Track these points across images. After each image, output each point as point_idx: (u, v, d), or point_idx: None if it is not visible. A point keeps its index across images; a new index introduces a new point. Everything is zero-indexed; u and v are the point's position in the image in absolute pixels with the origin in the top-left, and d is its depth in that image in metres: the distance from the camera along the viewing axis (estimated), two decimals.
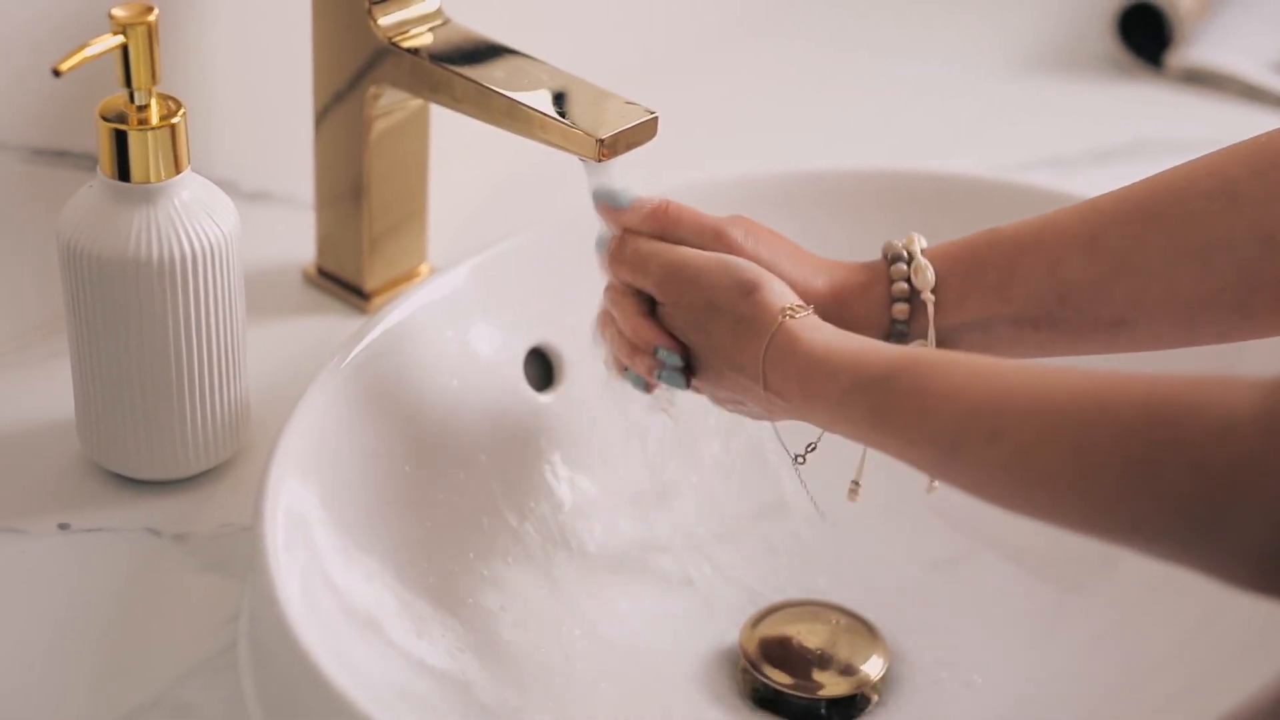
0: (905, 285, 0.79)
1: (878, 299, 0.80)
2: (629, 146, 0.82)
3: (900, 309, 0.79)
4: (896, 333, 0.79)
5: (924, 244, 0.80)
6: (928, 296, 0.79)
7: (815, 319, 0.76)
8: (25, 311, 0.93)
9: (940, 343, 0.79)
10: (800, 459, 0.81)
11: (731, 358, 0.77)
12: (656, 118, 0.83)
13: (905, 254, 0.80)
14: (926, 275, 0.79)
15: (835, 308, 0.80)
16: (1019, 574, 0.88)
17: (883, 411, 0.70)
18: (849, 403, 0.71)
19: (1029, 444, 0.64)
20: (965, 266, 0.79)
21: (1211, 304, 0.74)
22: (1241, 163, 0.74)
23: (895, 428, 0.69)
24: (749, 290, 0.77)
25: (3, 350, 0.92)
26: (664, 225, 0.81)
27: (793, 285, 0.79)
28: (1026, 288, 0.77)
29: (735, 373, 0.77)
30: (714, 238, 0.80)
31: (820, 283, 0.80)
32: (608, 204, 0.82)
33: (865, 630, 0.86)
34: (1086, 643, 0.85)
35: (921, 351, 0.72)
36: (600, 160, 0.81)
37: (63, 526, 0.82)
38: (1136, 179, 0.79)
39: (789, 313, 0.75)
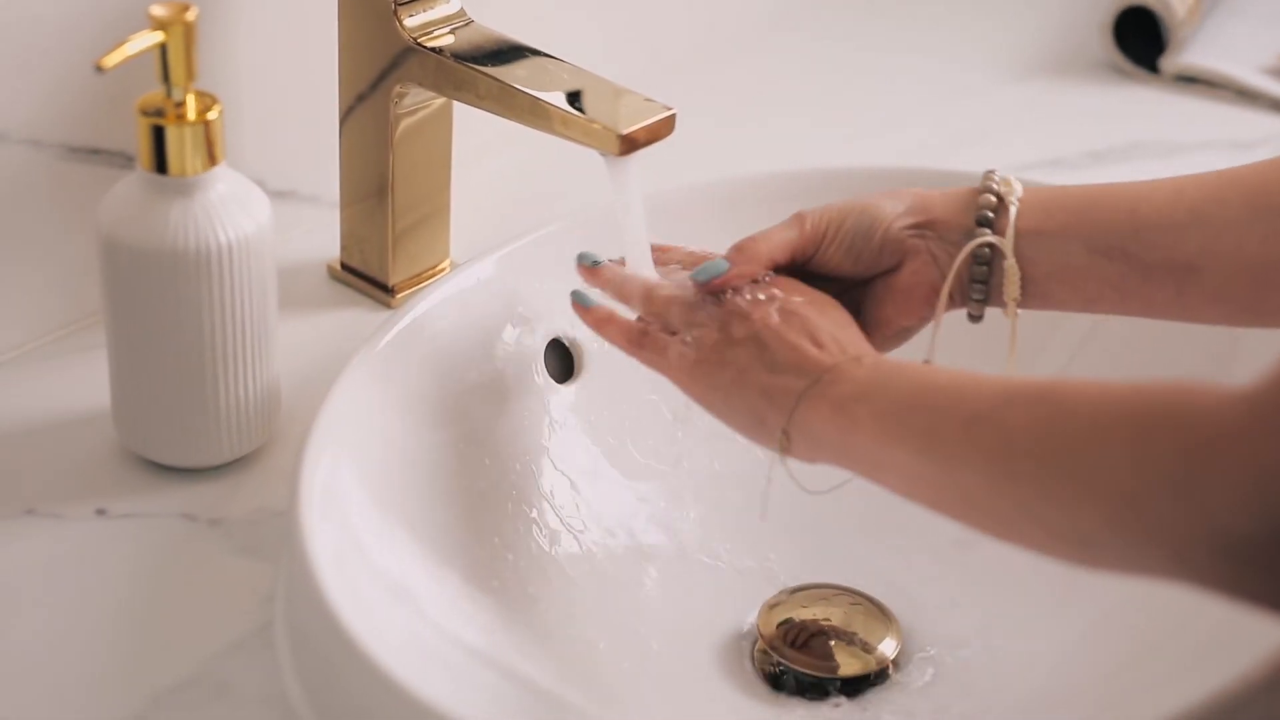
0: (994, 186, 0.83)
1: (967, 202, 0.83)
2: (648, 142, 0.85)
3: (986, 200, 0.82)
4: (981, 220, 0.82)
5: (1017, 180, 0.84)
6: (1012, 201, 0.82)
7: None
8: (60, 306, 0.95)
9: (1017, 255, 0.82)
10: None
11: (762, 378, 0.78)
12: (674, 114, 0.85)
13: (997, 174, 0.84)
14: (1014, 186, 0.83)
15: (920, 201, 0.83)
16: (1030, 555, 0.90)
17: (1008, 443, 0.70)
18: (948, 440, 0.71)
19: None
20: (1051, 191, 0.83)
21: (1277, 265, 0.78)
22: None
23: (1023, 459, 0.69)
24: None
25: (39, 343, 0.94)
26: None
27: (873, 198, 0.83)
28: (1105, 215, 0.81)
29: (762, 381, 0.79)
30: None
31: (906, 190, 0.84)
32: (712, 277, 0.83)
33: (879, 612, 0.88)
34: (1096, 621, 0.87)
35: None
36: (620, 155, 0.84)
37: (100, 512, 0.85)
38: (1132, 179, 0.83)
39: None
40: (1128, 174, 1.17)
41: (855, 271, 0.84)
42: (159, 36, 0.79)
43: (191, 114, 0.81)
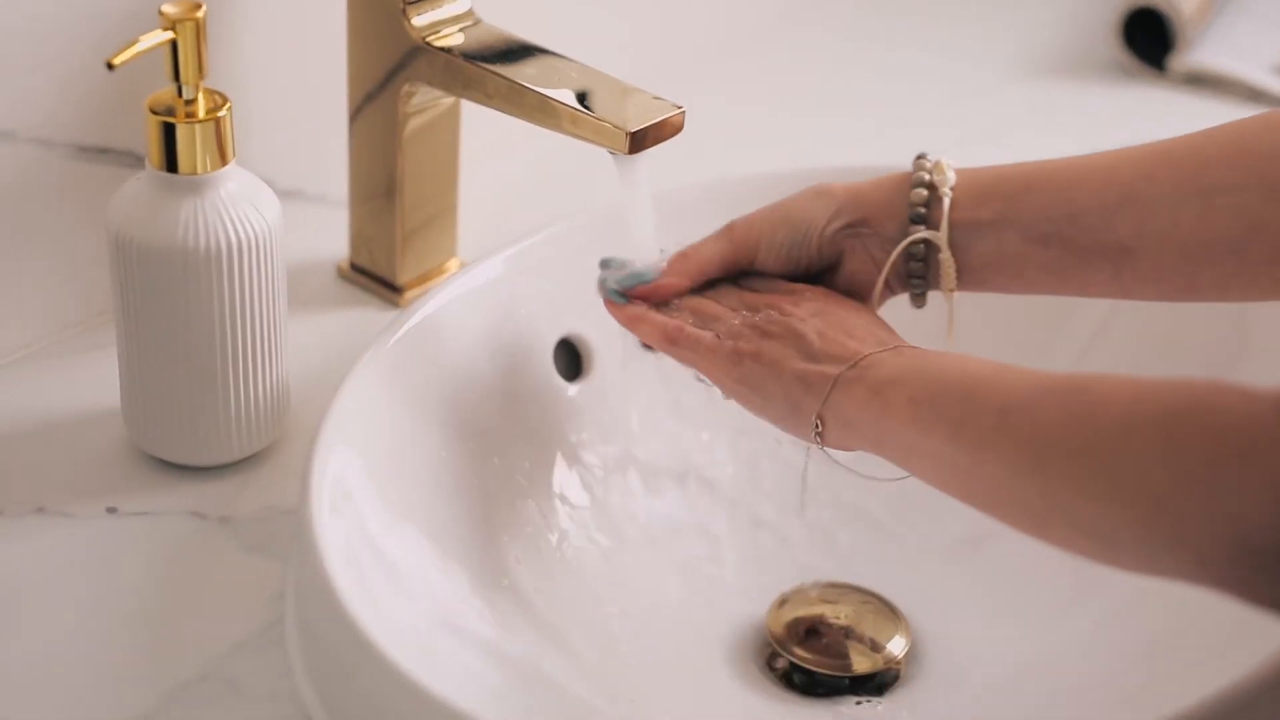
0: (925, 176, 0.83)
1: (899, 191, 0.83)
2: (657, 140, 0.85)
3: (918, 194, 0.82)
4: (915, 217, 0.82)
5: (951, 161, 0.84)
6: (945, 191, 0.82)
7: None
8: (70, 305, 0.95)
9: (953, 246, 0.82)
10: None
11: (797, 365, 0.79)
12: (683, 112, 0.85)
13: (929, 159, 0.83)
14: (947, 174, 0.83)
15: (856, 199, 0.83)
16: (1039, 553, 0.90)
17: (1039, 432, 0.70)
18: (982, 432, 0.71)
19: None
20: (986, 175, 0.83)
21: (1210, 245, 0.77)
22: (1259, 122, 0.78)
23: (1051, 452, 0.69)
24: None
25: (49, 342, 0.95)
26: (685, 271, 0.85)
27: (808, 194, 0.84)
28: (1040, 201, 0.80)
29: (796, 371, 0.79)
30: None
31: (841, 187, 0.84)
32: (637, 285, 0.84)
33: (888, 610, 0.88)
34: (1105, 620, 0.87)
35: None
36: (629, 153, 0.84)
37: (110, 510, 0.85)
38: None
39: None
40: None
41: (794, 274, 0.85)
42: (169, 34, 0.79)
43: (201, 112, 0.81)
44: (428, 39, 0.91)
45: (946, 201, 0.82)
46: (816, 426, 0.77)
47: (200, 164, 0.81)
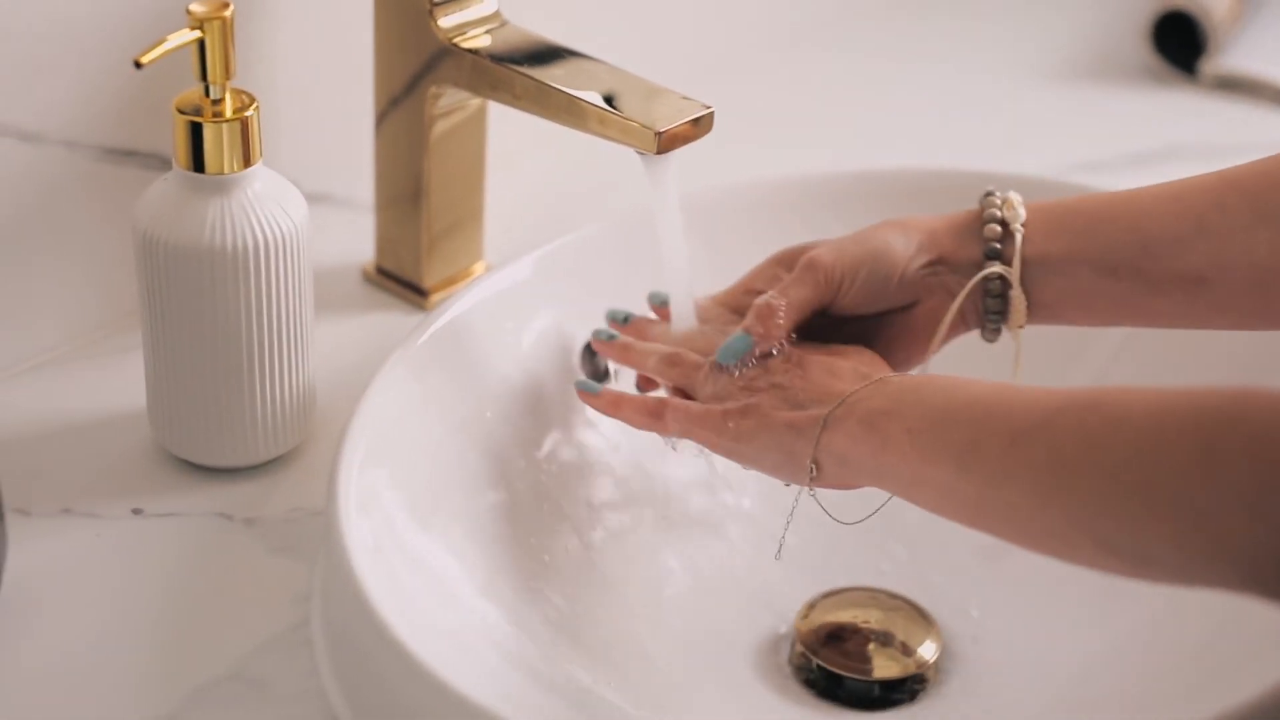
0: (997, 213, 0.82)
1: (972, 230, 0.83)
2: (686, 140, 0.84)
3: (991, 230, 0.82)
4: (989, 252, 0.82)
5: (1019, 197, 0.83)
6: (1017, 228, 0.82)
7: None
8: (98, 306, 0.95)
9: (1025, 282, 0.81)
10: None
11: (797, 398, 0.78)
12: (713, 112, 0.85)
13: (998, 196, 0.83)
14: (1017, 210, 0.82)
15: (929, 237, 0.83)
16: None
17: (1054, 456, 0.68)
18: (990, 456, 0.70)
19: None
20: (1055, 211, 0.82)
21: None
22: None
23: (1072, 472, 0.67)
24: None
25: (77, 344, 0.95)
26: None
27: (880, 237, 0.83)
28: (1111, 234, 0.80)
29: (792, 410, 0.78)
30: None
31: (914, 225, 0.84)
32: (740, 351, 0.83)
33: (918, 615, 0.87)
34: (1138, 626, 0.86)
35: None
36: (658, 153, 0.83)
37: (136, 511, 0.85)
38: (1160, 182, 0.82)
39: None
40: (1166, 178, 1.16)
41: (872, 311, 0.84)
42: (197, 34, 0.79)
43: (229, 112, 0.81)
44: (454, 40, 0.91)
45: (1019, 237, 0.81)
46: (811, 471, 0.76)
47: (227, 164, 0.81)
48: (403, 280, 1.00)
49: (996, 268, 0.82)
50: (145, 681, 0.76)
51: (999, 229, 0.82)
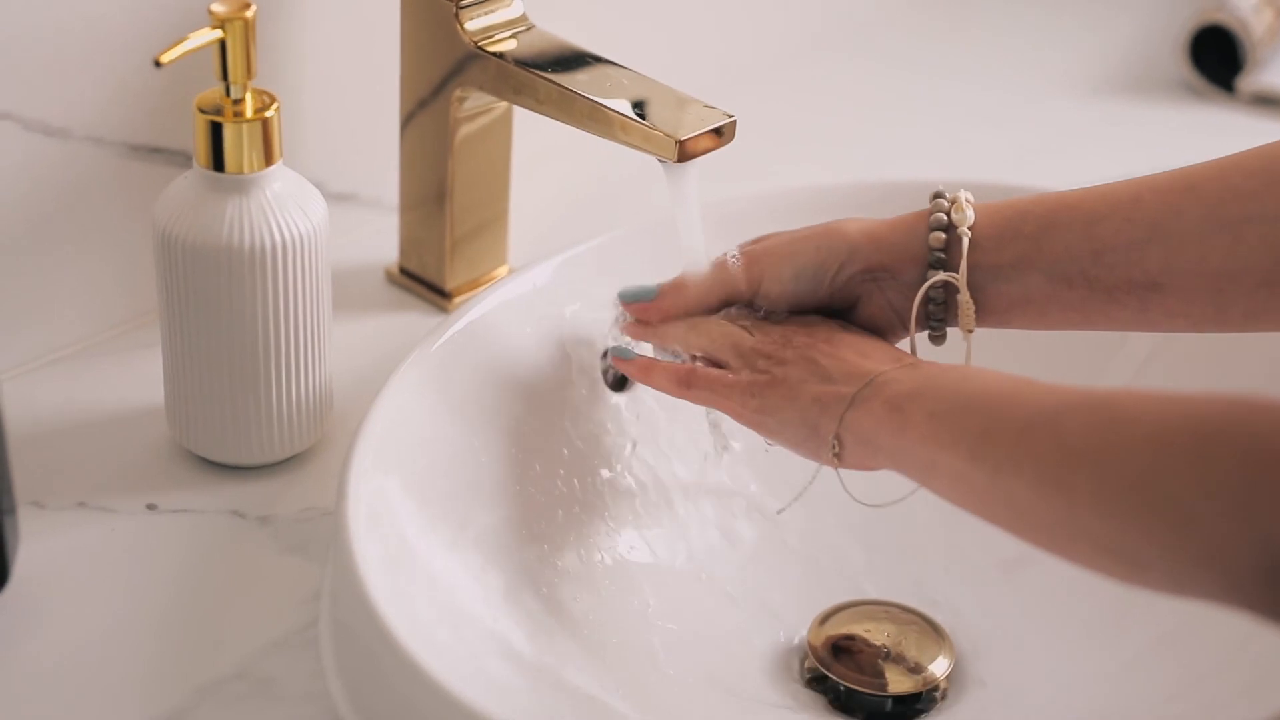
0: (944, 217, 0.81)
1: (918, 234, 0.81)
2: (708, 149, 0.84)
3: (936, 237, 0.81)
4: (934, 261, 0.81)
5: (970, 197, 0.82)
6: (964, 231, 0.80)
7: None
8: (123, 302, 0.95)
9: (974, 289, 0.80)
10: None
11: (823, 371, 0.78)
12: (735, 121, 0.84)
13: (948, 196, 0.82)
14: (965, 213, 0.81)
15: (874, 242, 0.82)
16: (1085, 575, 0.88)
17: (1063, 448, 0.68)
18: (1001, 446, 0.70)
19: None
20: (1006, 214, 0.81)
21: (1240, 277, 0.76)
22: None
23: (1076, 465, 0.67)
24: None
25: (101, 339, 0.95)
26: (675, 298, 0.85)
27: (820, 231, 0.82)
28: (1063, 241, 0.79)
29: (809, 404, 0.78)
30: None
31: (857, 225, 0.82)
32: (638, 300, 0.85)
33: (932, 630, 0.87)
34: (1151, 646, 0.86)
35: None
36: (679, 161, 0.83)
37: (150, 507, 0.85)
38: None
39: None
40: None
41: (806, 308, 0.84)
42: (218, 33, 0.79)
43: (249, 112, 0.81)
44: (480, 43, 0.91)
45: (965, 242, 0.80)
46: (834, 447, 0.76)
47: (247, 163, 0.81)
48: (426, 282, 1.01)
49: (941, 276, 0.80)
50: (151, 678, 0.76)
51: (943, 236, 0.81)
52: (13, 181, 0.89)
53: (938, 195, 0.82)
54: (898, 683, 0.84)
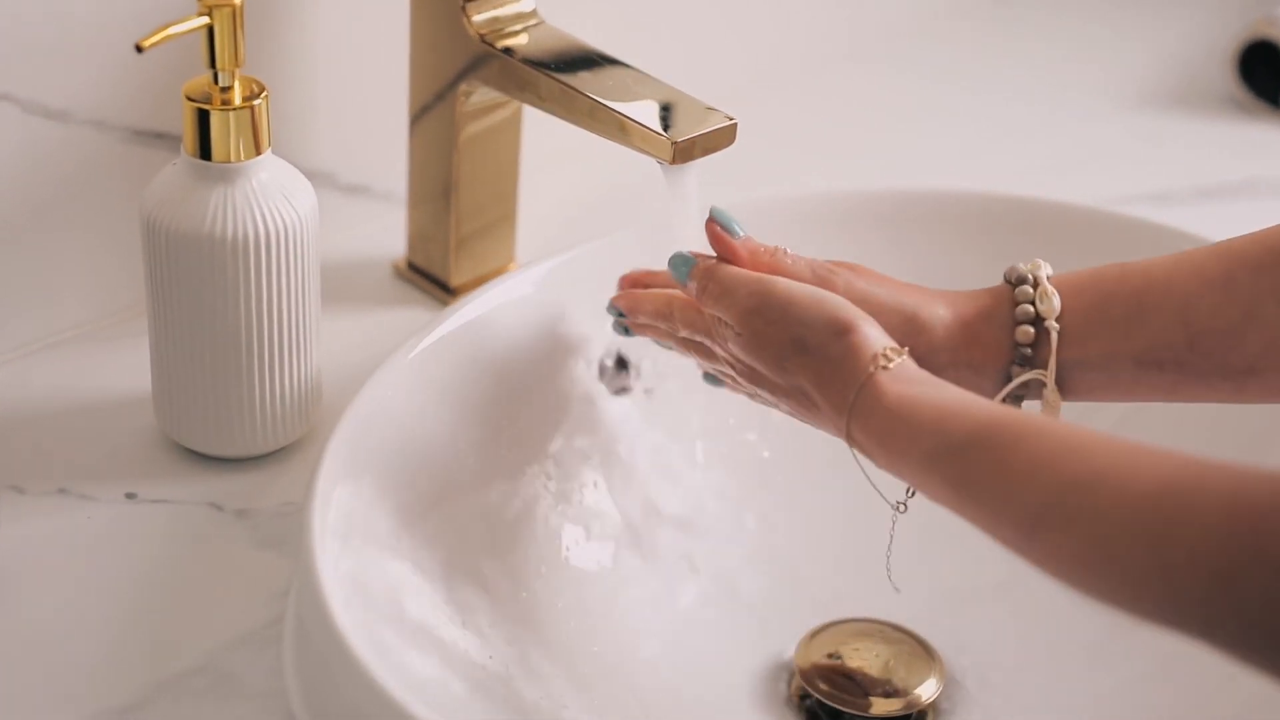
0: (1030, 309, 0.77)
1: (1002, 323, 0.77)
2: (705, 152, 0.82)
3: (1024, 332, 0.76)
4: (1020, 358, 0.77)
5: (1049, 271, 0.78)
6: (1052, 325, 0.76)
7: (909, 366, 0.72)
8: (124, 288, 0.95)
9: (1061, 378, 0.76)
10: (901, 506, 0.78)
11: (811, 401, 0.75)
12: (735, 124, 0.83)
13: (1030, 278, 0.78)
14: (1052, 302, 0.76)
15: (960, 332, 0.77)
16: (1078, 599, 0.86)
17: (964, 482, 0.66)
18: (930, 469, 0.68)
19: (1108, 537, 0.61)
20: (1091, 298, 0.76)
21: None
22: None
23: (976, 500, 0.66)
24: (842, 331, 0.73)
25: (96, 324, 0.95)
26: (765, 269, 0.79)
27: (905, 315, 0.77)
28: (1154, 327, 0.75)
29: (811, 412, 0.76)
30: (813, 282, 0.78)
31: (942, 310, 0.78)
32: (722, 227, 0.80)
33: (922, 650, 0.85)
34: (1144, 671, 0.84)
35: (1007, 416, 0.67)
36: (674, 164, 0.82)
37: (130, 496, 0.84)
38: (1244, 217, 0.77)
39: (882, 359, 0.71)
40: (1239, 211, 1.13)
41: None
42: (205, 19, 0.78)
43: (237, 100, 0.80)
44: (488, 38, 0.90)
45: (1054, 336, 0.76)
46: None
47: (234, 152, 0.80)
48: (432, 277, 1.00)
49: (1028, 374, 0.76)
50: (112, 669, 0.75)
51: (1031, 331, 0.76)
52: (11, 164, 0.88)
53: (1019, 280, 0.78)
54: (885, 705, 0.82)
